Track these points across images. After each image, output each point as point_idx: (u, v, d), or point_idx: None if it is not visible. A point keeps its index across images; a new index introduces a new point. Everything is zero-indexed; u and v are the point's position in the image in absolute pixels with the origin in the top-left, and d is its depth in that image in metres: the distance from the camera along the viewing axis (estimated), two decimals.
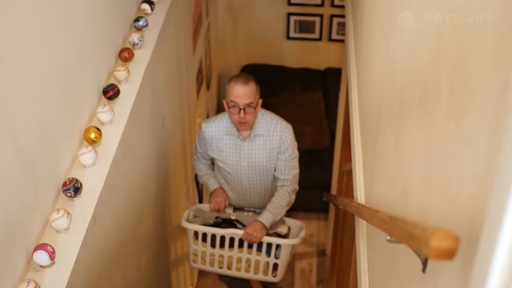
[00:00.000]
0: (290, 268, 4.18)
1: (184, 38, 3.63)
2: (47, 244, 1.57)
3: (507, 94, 0.66)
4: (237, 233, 2.62)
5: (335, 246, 3.41)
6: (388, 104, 1.56)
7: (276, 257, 2.70)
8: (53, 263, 1.61)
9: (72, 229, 1.73)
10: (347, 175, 3.09)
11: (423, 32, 1.17)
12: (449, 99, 0.93)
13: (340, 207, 2.68)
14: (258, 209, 2.86)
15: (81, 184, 1.81)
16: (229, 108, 2.53)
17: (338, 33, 5.32)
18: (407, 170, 1.24)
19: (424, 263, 0.94)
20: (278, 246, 2.68)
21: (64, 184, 1.78)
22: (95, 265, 1.91)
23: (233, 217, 2.78)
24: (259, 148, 2.65)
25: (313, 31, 5.36)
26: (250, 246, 2.67)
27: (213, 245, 2.71)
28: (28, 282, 1.48)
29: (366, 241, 1.88)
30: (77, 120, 1.98)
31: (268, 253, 2.69)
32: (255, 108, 2.51)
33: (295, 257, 4.28)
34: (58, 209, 1.68)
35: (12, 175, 1.47)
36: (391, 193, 1.44)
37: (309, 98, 4.94)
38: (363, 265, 1.85)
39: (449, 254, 0.74)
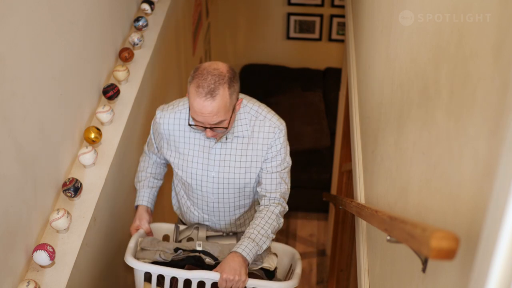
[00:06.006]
0: None
1: (184, 38, 3.63)
2: (47, 244, 1.57)
3: (507, 94, 0.66)
4: (209, 277, 1.70)
5: (335, 246, 3.41)
6: (388, 104, 1.56)
7: None
8: (53, 263, 1.61)
9: (72, 229, 1.73)
10: (347, 175, 3.09)
11: (423, 32, 1.17)
12: (449, 99, 0.93)
13: (340, 207, 2.68)
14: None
15: (81, 184, 1.81)
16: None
17: (338, 33, 5.32)
18: (407, 170, 1.24)
19: (424, 263, 0.94)
20: None
21: (64, 184, 1.78)
22: (95, 265, 1.91)
23: (199, 248, 1.87)
24: (237, 154, 1.85)
25: (313, 31, 5.36)
26: None
27: None
28: (28, 282, 1.48)
29: (366, 241, 1.88)
30: (77, 120, 1.98)
31: None
32: (229, 123, 1.73)
33: None
34: (58, 209, 1.68)
35: (12, 175, 1.47)
36: (391, 193, 1.44)
37: (309, 98, 4.94)
38: (363, 265, 1.85)
39: (449, 254, 0.74)
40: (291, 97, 4.93)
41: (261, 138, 1.83)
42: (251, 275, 1.82)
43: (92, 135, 1.97)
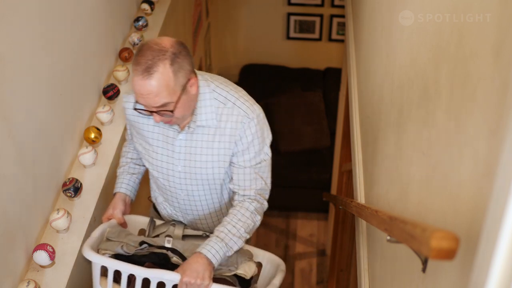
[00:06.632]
0: (290, 268, 4.18)
1: (184, 38, 3.63)
2: (47, 244, 1.57)
3: (507, 94, 0.66)
4: (169, 278, 1.52)
5: (335, 246, 3.41)
6: (388, 104, 1.56)
7: None
8: (53, 263, 1.61)
9: (72, 229, 1.73)
10: (347, 175, 3.09)
11: (423, 32, 1.17)
12: (449, 99, 0.93)
13: (340, 207, 2.68)
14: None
15: (81, 184, 1.81)
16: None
17: (338, 33, 5.32)
18: (407, 170, 1.24)
19: (424, 263, 0.94)
20: None
21: (64, 184, 1.78)
22: None
23: (168, 244, 1.68)
24: (203, 146, 1.64)
25: (313, 31, 5.36)
26: None
27: None
28: (28, 282, 1.49)
29: (366, 241, 1.88)
30: (77, 120, 1.98)
31: None
32: (176, 106, 1.50)
33: (295, 257, 4.29)
34: (58, 209, 1.68)
35: (12, 175, 1.47)
36: (391, 193, 1.44)
37: (309, 98, 4.94)
38: (363, 265, 1.85)
39: (449, 254, 0.74)
40: (291, 97, 4.93)
41: (229, 129, 1.61)
42: (221, 281, 1.61)
43: (92, 135, 1.97)
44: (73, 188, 1.77)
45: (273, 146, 5.20)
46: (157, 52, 1.43)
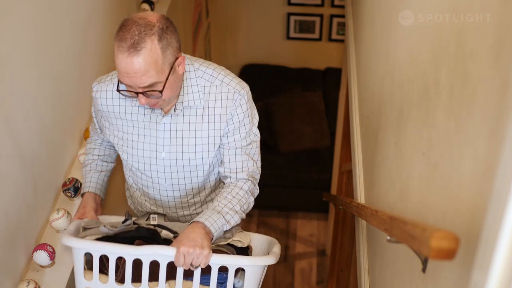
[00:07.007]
0: (290, 268, 4.18)
1: (184, 38, 3.63)
2: (47, 244, 1.57)
3: (507, 94, 0.66)
4: (164, 252, 1.35)
5: (335, 246, 3.41)
6: (388, 104, 1.56)
7: None
8: (53, 263, 1.61)
9: None
10: (347, 175, 3.09)
11: (423, 32, 1.17)
12: (449, 99, 0.93)
13: (340, 207, 2.68)
14: None
15: (81, 184, 1.81)
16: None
17: (338, 33, 5.32)
18: (407, 170, 1.24)
19: (424, 263, 0.94)
20: (238, 271, 1.47)
21: (64, 184, 1.78)
22: None
23: (153, 222, 1.57)
24: (190, 129, 1.54)
25: (313, 31, 5.36)
26: (188, 274, 1.41)
27: (120, 279, 1.43)
28: (28, 282, 1.49)
29: (366, 241, 1.88)
30: (77, 120, 1.98)
31: (223, 284, 1.47)
32: (164, 86, 1.39)
33: (295, 257, 4.29)
34: (58, 209, 1.68)
35: (12, 175, 1.47)
36: (391, 193, 1.44)
37: (309, 98, 4.94)
38: (363, 265, 1.85)
39: (449, 254, 0.74)
40: (291, 97, 4.93)
41: (219, 108, 1.52)
42: (218, 252, 1.47)
43: None
44: (73, 188, 1.78)
45: (273, 146, 5.18)
46: (144, 26, 1.32)
